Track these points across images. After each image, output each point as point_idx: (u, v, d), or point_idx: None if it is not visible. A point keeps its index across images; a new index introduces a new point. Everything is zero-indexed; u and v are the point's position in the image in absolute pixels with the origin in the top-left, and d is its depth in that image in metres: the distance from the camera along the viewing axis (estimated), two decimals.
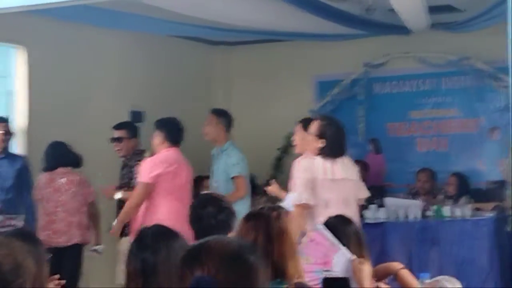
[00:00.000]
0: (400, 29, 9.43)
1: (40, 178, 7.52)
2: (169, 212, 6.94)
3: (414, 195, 9.29)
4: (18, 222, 7.05)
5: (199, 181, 9.58)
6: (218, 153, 8.00)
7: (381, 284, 4.03)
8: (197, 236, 4.19)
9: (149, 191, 7.07)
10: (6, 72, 8.60)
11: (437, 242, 8.29)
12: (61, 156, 7.52)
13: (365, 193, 6.41)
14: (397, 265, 4.16)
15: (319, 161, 6.07)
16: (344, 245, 3.95)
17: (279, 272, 3.28)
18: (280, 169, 10.72)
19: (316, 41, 10.14)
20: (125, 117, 8.97)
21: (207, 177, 9.42)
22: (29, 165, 7.68)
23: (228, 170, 7.79)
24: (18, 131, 8.13)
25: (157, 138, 7.24)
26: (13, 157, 7.63)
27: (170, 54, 10.25)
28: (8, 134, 7.57)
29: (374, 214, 8.57)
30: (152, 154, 7.32)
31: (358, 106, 10.52)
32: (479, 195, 9.07)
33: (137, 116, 9.37)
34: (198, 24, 8.51)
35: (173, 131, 7.33)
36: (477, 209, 8.60)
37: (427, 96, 10.28)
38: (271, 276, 3.24)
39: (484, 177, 9.71)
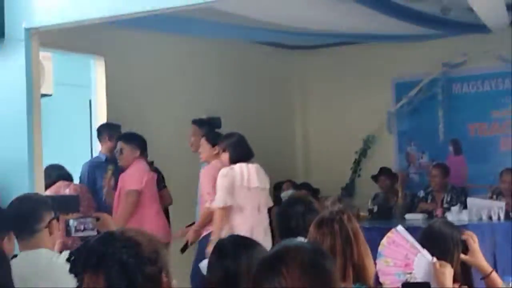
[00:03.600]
0: (479, 28, 9.24)
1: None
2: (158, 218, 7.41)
3: (497, 195, 9.09)
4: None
5: (279, 186, 9.62)
6: None
7: None
8: (282, 235, 4.20)
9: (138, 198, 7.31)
10: (85, 82, 8.77)
11: None
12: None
13: (270, 203, 7.06)
14: (487, 268, 4.05)
15: (237, 169, 6.76)
16: (447, 249, 3.86)
17: (359, 273, 3.24)
18: (358, 172, 10.65)
19: (394, 42, 10.04)
20: None
21: (287, 181, 9.44)
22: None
23: None
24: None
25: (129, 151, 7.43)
26: None
27: (246, 60, 10.28)
28: None
29: (457, 216, 8.41)
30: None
31: (437, 107, 10.37)
32: None
33: (215, 121, 9.40)
34: (273, 29, 8.51)
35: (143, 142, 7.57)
36: None
37: (508, 95, 10.07)
38: (352, 279, 3.21)
39: None
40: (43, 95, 7.26)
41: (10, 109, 6.77)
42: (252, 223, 6.78)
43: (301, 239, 3.67)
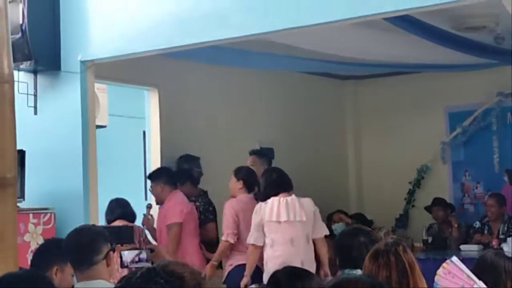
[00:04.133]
0: None
1: None
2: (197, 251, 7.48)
3: None
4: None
5: (332, 215, 9.59)
6: None
7: None
8: (342, 266, 4.18)
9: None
10: (139, 113, 8.86)
11: None
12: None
13: (322, 232, 7.04)
14: None
15: (268, 204, 6.80)
16: (500, 280, 3.80)
17: None
18: (412, 203, 10.55)
19: (447, 71, 9.97)
20: None
21: (337, 212, 9.40)
22: None
23: None
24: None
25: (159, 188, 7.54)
26: None
27: (298, 90, 10.30)
28: None
29: None
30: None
31: (492, 136, 10.24)
32: None
33: (268, 152, 9.41)
34: (326, 59, 8.52)
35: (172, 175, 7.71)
36: None
37: None
38: None
39: None
40: (98, 127, 7.34)
41: (66, 140, 6.88)
42: (285, 257, 6.66)
43: (359, 271, 3.64)
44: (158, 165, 8.46)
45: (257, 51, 7.87)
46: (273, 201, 6.84)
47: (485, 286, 3.75)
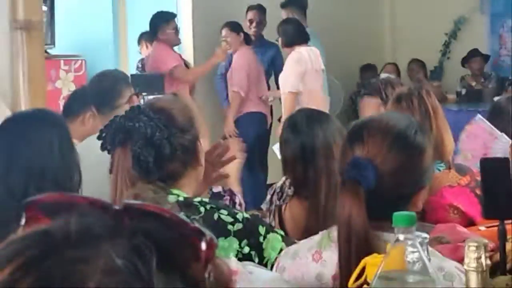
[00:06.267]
0: None
1: None
2: None
3: None
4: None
5: (368, 67, 9.52)
6: None
7: None
8: None
9: None
10: None
11: None
12: None
13: None
14: None
15: (305, 53, 6.82)
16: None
17: (438, 149, 3.17)
18: (448, 55, 10.42)
19: None
20: None
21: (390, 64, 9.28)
22: None
23: None
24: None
25: None
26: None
27: None
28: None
29: None
30: None
31: None
32: None
33: (301, 1, 9.23)
34: None
35: None
36: None
37: None
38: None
39: None
40: None
41: None
42: (320, 105, 6.85)
43: None
44: (189, 16, 8.38)
45: None
46: (306, 50, 6.88)
47: (508, 138, 3.72)
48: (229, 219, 2.34)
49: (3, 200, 2.59)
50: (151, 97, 4.90)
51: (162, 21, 7.28)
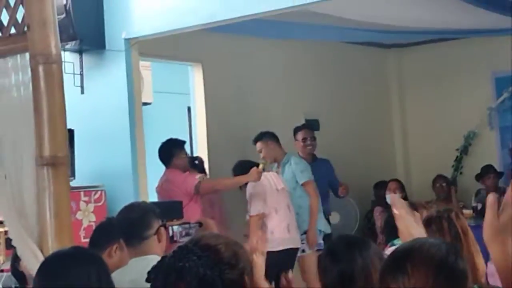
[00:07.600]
0: None
1: None
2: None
3: None
4: None
5: (380, 185, 9.55)
6: (281, 167, 7.98)
7: None
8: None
9: None
10: (185, 90, 8.88)
11: None
12: None
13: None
14: None
15: (263, 177, 7.14)
16: None
17: (471, 272, 3.16)
18: (460, 170, 10.46)
19: (493, 36, 9.81)
20: None
21: (393, 181, 9.33)
22: None
23: (296, 177, 7.86)
24: (198, 147, 8.42)
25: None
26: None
27: (342, 60, 10.23)
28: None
29: None
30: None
31: None
32: None
33: (313, 124, 9.39)
34: (369, 28, 8.45)
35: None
36: None
37: None
38: None
39: None
40: (143, 104, 7.39)
41: (114, 118, 6.94)
42: (287, 221, 7.29)
43: None
44: (204, 141, 8.51)
45: (299, 22, 7.82)
46: (265, 175, 7.24)
47: None
48: None
49: None
50: (175, 226, 4.94)
51: (177, 148, 7.39)
